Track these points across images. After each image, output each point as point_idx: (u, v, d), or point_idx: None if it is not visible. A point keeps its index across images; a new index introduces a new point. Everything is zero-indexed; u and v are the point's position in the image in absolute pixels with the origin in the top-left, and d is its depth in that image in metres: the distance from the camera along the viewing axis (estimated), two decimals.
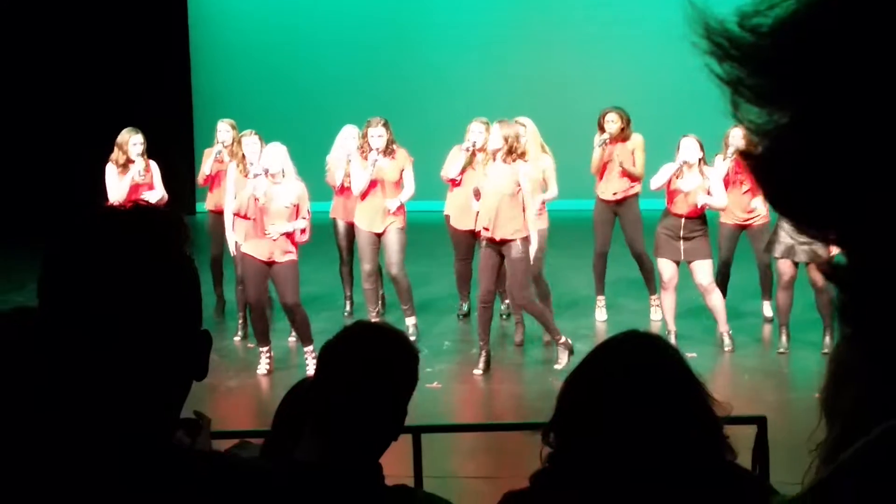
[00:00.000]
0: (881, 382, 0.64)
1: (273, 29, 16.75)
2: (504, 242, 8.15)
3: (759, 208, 9.14)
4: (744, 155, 0.69)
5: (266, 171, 8.20)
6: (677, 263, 8.71)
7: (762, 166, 0.67)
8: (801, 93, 0.64)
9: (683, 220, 8.60)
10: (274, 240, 8.22)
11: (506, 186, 8.12)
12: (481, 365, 8.45)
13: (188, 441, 1.48)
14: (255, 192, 8.21)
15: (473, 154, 9.27)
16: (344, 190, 9.65)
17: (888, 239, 0.62)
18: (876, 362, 0.65)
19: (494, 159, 8.24)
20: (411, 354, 2.44)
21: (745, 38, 0.65)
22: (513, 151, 8.12)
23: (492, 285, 8.33)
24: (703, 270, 8.64)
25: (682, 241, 8.62)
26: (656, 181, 8.70)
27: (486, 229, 8.20)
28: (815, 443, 0.93)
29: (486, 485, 5.72)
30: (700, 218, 8.66)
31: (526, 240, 8.16)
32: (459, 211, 9.48)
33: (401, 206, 9.30)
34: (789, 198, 0.67)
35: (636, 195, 9.70)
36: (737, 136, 8.82)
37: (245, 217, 8.36)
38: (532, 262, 8.44)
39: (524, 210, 8.16)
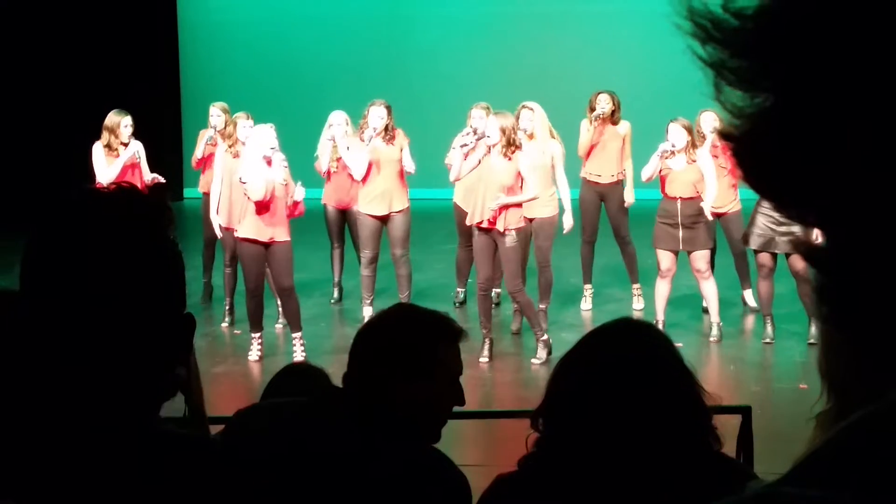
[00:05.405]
0: (863, 361, 0.65)
1: (262, 11, 16.69)
2: (499, 232, 8.09)
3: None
4: (723, 136, 0.69)
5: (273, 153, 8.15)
6: (676, 254, 8.61)
7: (743, 146, 0.68)
8: (784, 75, 0.64)
9: (680, 203, 8.45)
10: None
11: (507, 180, 8.01)
12: (485, 353, 8.34)
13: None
14: (280, 179, 8.13)
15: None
16: (332, 175, 9.62)
17: (867, 218, 0.63)
18: (855, 343, 0.66)
19: (489, 152, 8.07)
20: (443, 336, 2.68)
21: (729, 20, 0.66)
22: (511, 144, 7.97)
23: (490, 272, 8.26)
24: (702, 258, 8.58)
25: (681, 229, 8.47)
26: (646, 171, 8.61)
27: (481, 224, 8.10)
28: (816, 414, 0.94)
29: (480, 472, 5.72)
30: (697, 202, 8.51)
31: (520, 230, 8.12)
32: (467, 194, 9.41)
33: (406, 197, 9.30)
34: (770, 176, 0.67)
35: (621, 181, 9.70)
36: (707, 121, 8.79)
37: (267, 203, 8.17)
38: (543, 251, 8.62)
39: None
